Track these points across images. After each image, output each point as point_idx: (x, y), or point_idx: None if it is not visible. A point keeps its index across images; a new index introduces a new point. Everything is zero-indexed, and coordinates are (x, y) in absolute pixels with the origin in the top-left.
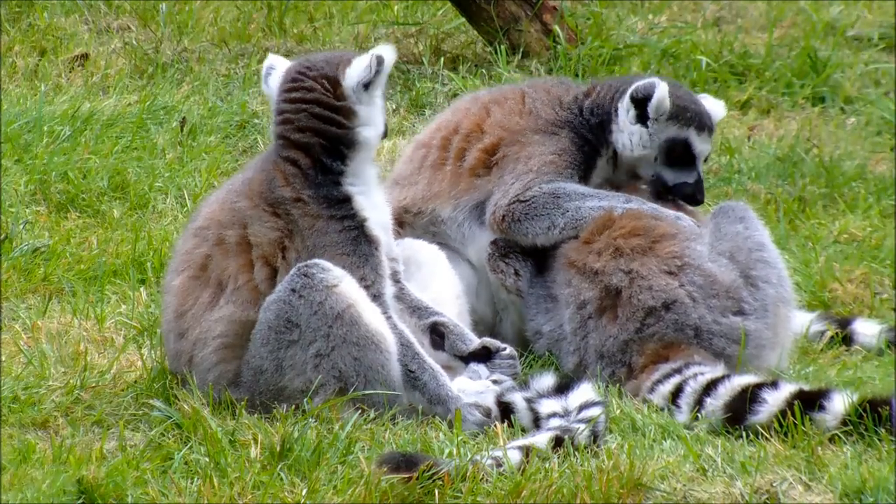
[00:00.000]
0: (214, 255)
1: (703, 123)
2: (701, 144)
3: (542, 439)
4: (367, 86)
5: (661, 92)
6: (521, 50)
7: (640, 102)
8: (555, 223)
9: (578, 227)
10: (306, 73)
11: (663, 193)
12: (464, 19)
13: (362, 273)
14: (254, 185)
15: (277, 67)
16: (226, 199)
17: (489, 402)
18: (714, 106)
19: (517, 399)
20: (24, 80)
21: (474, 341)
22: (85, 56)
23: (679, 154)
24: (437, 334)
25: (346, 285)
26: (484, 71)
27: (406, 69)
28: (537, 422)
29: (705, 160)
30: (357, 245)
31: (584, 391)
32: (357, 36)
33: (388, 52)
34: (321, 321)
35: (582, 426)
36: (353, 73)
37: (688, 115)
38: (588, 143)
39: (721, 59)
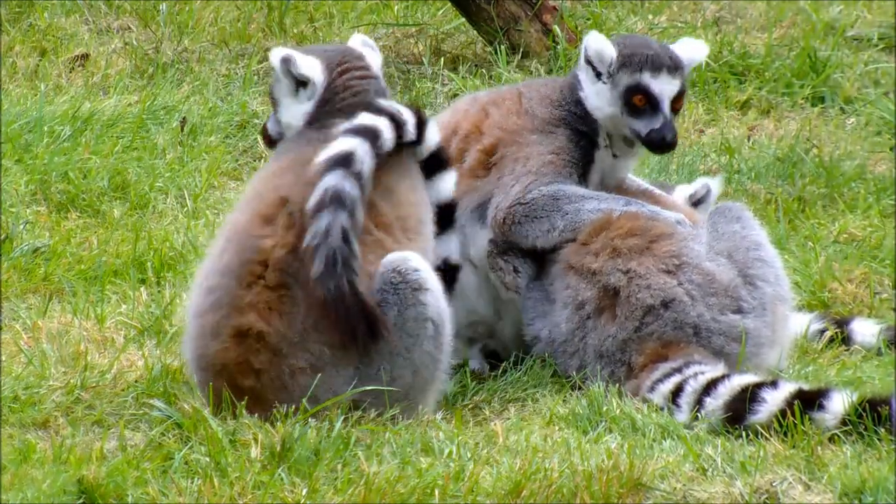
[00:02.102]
0: None
1: (657, 64)
2: (660, 85)
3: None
4: None
5: (593, 41)
6: (521, 50)
7: (590, 60)
8: (554, 225)
9: (577, 230)
10: (351, 52)
11: (650, 148)
12: (464, 19)
13: None
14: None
15: (299, 56)
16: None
17: None
18: (688, 48)
19: None
20: (25, 80)
21: None
22: (85, 56)
23: (640, 100)
24: None
25: None
26: (484, 71)
27: (406, 69)
28: None
29: (676, 102)
30: None
31: None
32: None
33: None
34: None
35: None
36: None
37: (636, 59)
38: (584, 137)
39: (721, 59)
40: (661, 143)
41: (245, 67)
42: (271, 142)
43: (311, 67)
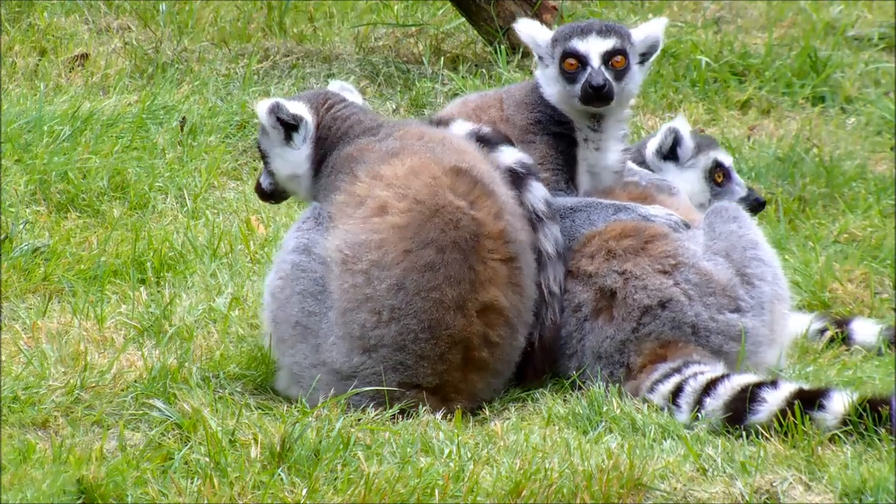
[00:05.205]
0: None
1: (585, 29)
2: (587, 45)
3: None
4: None
5: (523, 27)
6: (521, 50)
7: (530, 47)
8: None
9: (571, 244)
10: (330, 92)
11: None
12: (464, 19)
13: None
14: None
15: (284, 101)
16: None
17: None
18: (642, 27)
19: None
20: (24, 80)
21: None
22: (85, 56)
23: (570, 64)
24: None
25: None
26: (484, 71)
27: (406, 69)
28: None
29: (612, 61)
30: None
31: None
32: (357, 36)
33: None
34: None
35: None
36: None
37: (566, 31)
38: (562, 139)
39: (721, 59)
40: (590, 92)
41: (245, 67)
42: (268, 196)
43: (299, 108)
